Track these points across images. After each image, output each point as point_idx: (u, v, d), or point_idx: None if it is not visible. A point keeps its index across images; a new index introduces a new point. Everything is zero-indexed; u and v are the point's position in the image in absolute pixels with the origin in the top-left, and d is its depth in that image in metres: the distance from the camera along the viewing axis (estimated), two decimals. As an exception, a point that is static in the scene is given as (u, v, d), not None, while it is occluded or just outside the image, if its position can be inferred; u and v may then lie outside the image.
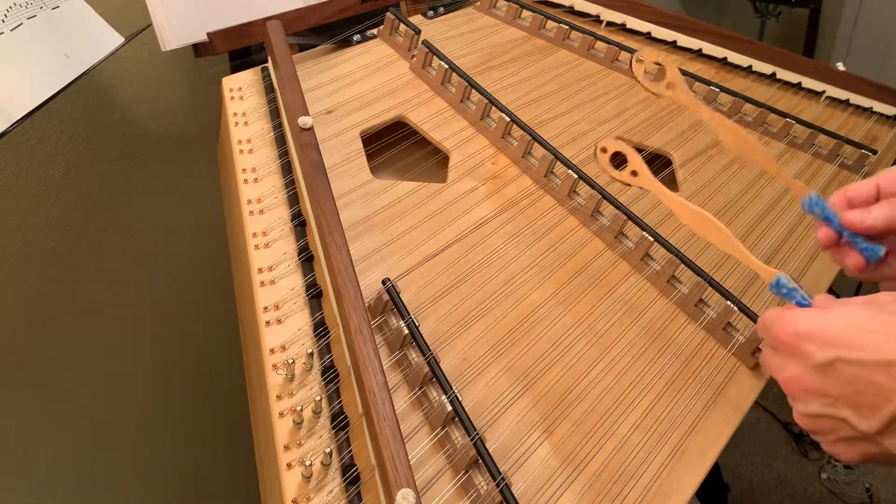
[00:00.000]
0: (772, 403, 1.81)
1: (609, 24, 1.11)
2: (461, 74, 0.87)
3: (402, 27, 0.96)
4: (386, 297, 0.62)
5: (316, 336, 0.61)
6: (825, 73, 1.06)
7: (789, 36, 2.21)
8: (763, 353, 0.48)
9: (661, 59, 0.57)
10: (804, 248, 0.81)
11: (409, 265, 0.69)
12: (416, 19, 1.07)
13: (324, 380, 0.58)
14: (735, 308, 0.66)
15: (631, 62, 0.61)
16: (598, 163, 0.58)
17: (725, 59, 1.08)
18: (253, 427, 0.72)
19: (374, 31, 0.99)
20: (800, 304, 0.47)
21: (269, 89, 0.86)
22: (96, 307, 1.12)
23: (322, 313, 0.62)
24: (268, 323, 0.62)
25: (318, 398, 0.55)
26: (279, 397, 0.57)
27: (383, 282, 0.62)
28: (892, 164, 0.98)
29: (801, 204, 0.50)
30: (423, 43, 0.92)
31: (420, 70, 0.92)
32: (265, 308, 0.63)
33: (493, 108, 0.85)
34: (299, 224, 0.70)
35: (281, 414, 0.55)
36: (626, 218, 0.73)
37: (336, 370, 0.58)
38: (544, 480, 0.55)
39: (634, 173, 0.57)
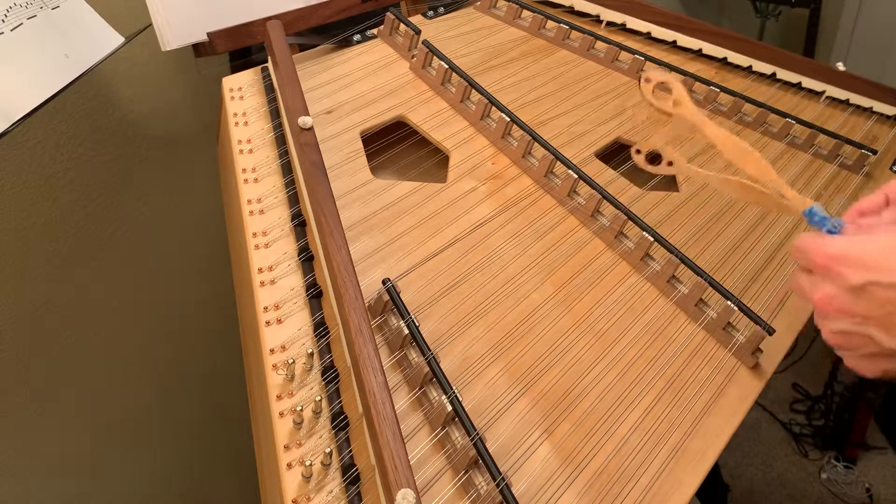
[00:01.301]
0: (772, 403, 1.81)
1: (609, 24, 1.11)
2: (461, 74, 0.87)
3: (402, 27, 0.96)
4: (386, 297, 0.62)
5: (316, 336, 0.61)
6: (825, 73, 1.06)
7: (789, 36, 2.22)
8: (795, 276, 0.50)
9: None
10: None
11: (409, 265, 0.69)
12: (416, 19, 1.07)
13: (324, 380, 0.58)
14: (735, 308, 0.66)
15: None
16: (640, 91, 0.59)
17: (725, 59, 1.08)
18: (253, 427, 0.72)
19: (374, 31, 0.99)
20: (831, 232, 0.49)
21: (269, 89, 0.86)
22: (96, 307, 1.12)
23: (322, 313, 0.62)
24: (268, 323, 0.62)
25: (318, 398, 0.55)
26: (279, 397, 0.57)
27: (383, 282, 0.62)
28: (893, 164, 0.98)
29: (803, 214, 0.52)
30: (423, 43, 0.92)
31: (420, 70, 0.92)
32: (265, 308, 0.63)
33: (493, 108, 0.85)
34: (299, 224, 0.70)
35: (281, 414, 0.55)
36: (626, 218, 0.73)
37: (336, 370, 0.58)
38: (544, 480, 0.55)
39: (676, 104, 0.58)
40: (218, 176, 0.97)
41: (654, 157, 0.59)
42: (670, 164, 0.58)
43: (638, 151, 0.60)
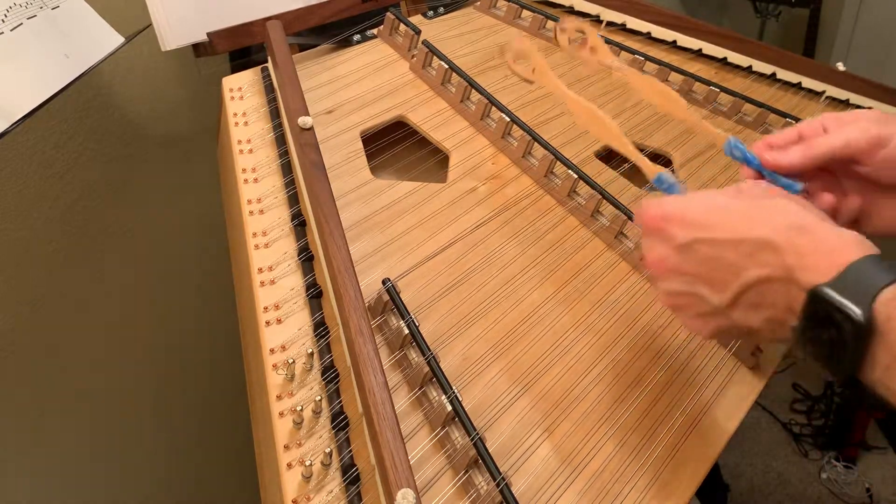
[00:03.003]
0: (772, 403, 1.81)
1: (609, 24, 1.11)
2: (461, 74, 0.87)
3: (402, 27, 0.96)
4: (386, 297, 0.62)
5: (316, 336, 0.61)
6: (825, 73, 1.06)
7: (789, 36, 2.22)
8: (642, 239, 0.51)
9: (583, 27, 0.60)
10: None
11: (409, 265, 0.69)
12: (416, 19, 1.07)
13: (324, 380, 0.58)
14: (735, 308, 0.66)
15: (555, 31, 0.63)
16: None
17: (725, 59, 1.08)
18: (253, 427, 0.72)
19: (374, 31, 0.99)
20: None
21: (269, 89, 0.86)
22: (96, 307, 1.12)
23: (322, 313, 0.62)
24: (268, 323, 0.62)
25: (318, 398, 0.55)
26: (279, 397, 0.57)
27: (383, 282, 0.62)
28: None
29: (723, 148, 0.53)
30: (423, 43, 0.92)
31: (420, 70, 0.92)
32: (265, 308, 0.63)
33: (493, 108, 0.85)
34: (299, 224, 0.70)
35: (281, 414, 0.55)
36: (626, 218, 0.73)
37: (336, 370, 0.58)
38: (544, 480, 0.55)
39: (594, 50, 0.60)
40: (218, 176, 0.97)
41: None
42: (594, 50, 0.60)
43: (563, 30, 0.62)
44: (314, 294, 0.64)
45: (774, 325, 0.44)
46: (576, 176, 0.77)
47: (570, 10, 1.12)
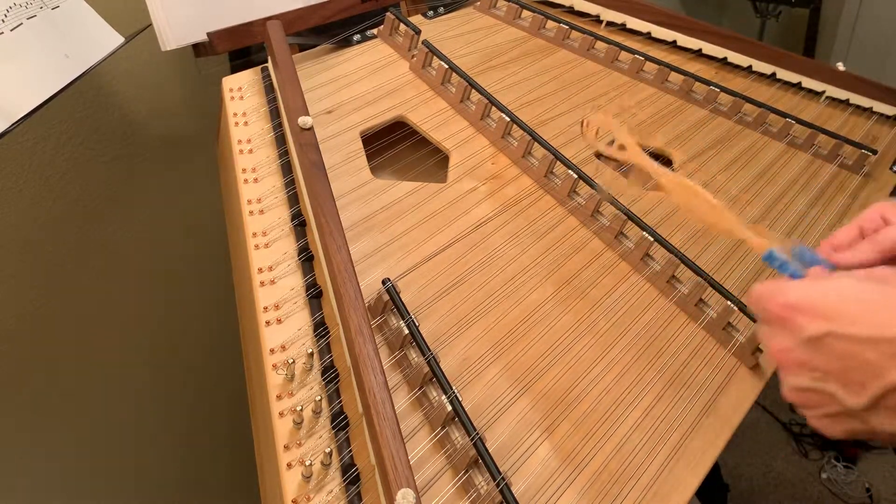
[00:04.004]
0: (772, 403, 1.81)
1: (609, 24, 1.11)
2: (461, 74, 0.87)
3: (402, 27, 0.96)
4: (386, 297, 0.62)
5: (316, 336, 0.61)
6: (825, 73, 1.06)
7: (789, 36, 2.22)
8: (758, 324, 0.47)
9: (611, 124, 0.57)
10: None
11: (409, 265, 0.69)
12: (416, 19, 1.07)
13: (324, 380, 0.58)
14: (735, 308, 0.66)
15: (583, 125, 0.60)
16: (584, 138, 0.58)
17: (725, 59, 1.08)
18: (253, 427, 0.72)
19: (374, 31, 0.99)
20: (793, 277, 0.45)
21: (269, 89, 0.86)
22: (96, 307, 1.12)
23: (322, 313, 0.62)
24: (268, 323, 0.62)
25: (318, 398, 0.55)
26: (279, 397, 0.57)
27: (383, 282, 0.62)
28: (893, 164, 0.98)
29: (763, 259, 0.48)
30: (423, 43, 0.92)
31: (420, 70, 0.92)
32: (265, 308, 0.63)
33: (493, 108, 0.85)
34: (299, 224, 0.70)
35: (281, 414, 0.55)
36: (625, 218, 0.73)
37: (336, 370, 0.58)
38: (544, 480, 0.55)
39: (623, 147, 0.56)
40: (218, 176, 0.97)
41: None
42: (623, 147, 0.56)
43: (587, 124, 0.58)
44: (314, 294, 0.64)
45: None
46: (576, 176, 0.77)
47: (570, 10, 1.12)
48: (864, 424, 0.41)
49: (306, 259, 0.67)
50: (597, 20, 1.11)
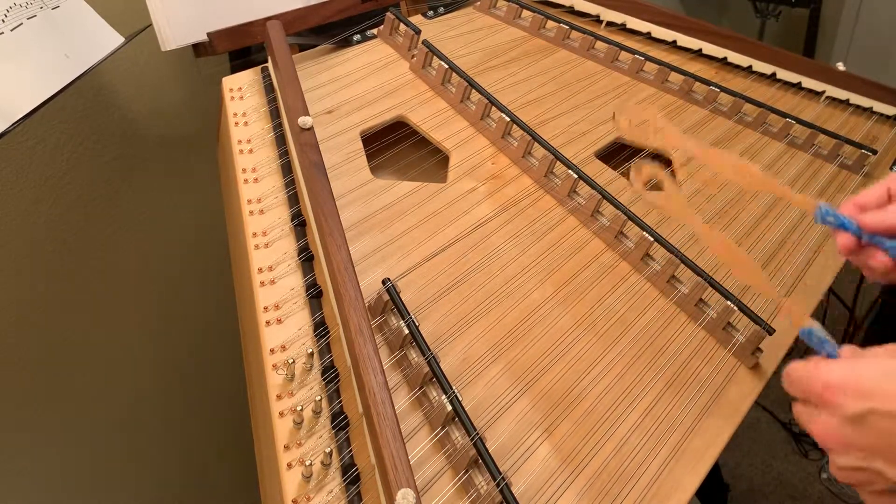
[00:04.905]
0: (772, 403, 1.81)
1: (609, 24, 1.11)
2: (461, 74, 0.87)
3: (402, 27, 0.96)
4: (386, 296, 0.62)
5: (316, 336, 0.61)
6: (825, 73, 1.06)
7: (789, 36, 2.21)
8: (795, 405, 0.47)
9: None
10: (804, 247, 0.81)
11: (409, 265, 0.69)
12: (416, 19, 1.07)
13: (324, 380, 0.58)
14: (735, 308, 0.66)
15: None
16: (633, 185, 0.58)
17: (725, 59, 1.08)
18: (253, 427, 0.72)
19: (374, 31, 0.99)
20: (829, 356, 0.45)
21: (269, 89, 0.86)
22: (96, 307, 1.12)
23: (322, 313, 0.62)
24: (268, 323, 0.62)
25: (318, 398, 0.55)
26: (279, 397, 0.57)
27: (383, 282, 0.62)
28: (893, 164, 0.98)
29: (814, 217, 0.49)
30: (423, 43, 0.92)
31: (420, 70, 0.92)
32: (265, 308, 0.63)
33: (493, 108, 0.85)
34: (299, 224, 0.70)
35: (281, 414, 0.55)
36: (626, 218, 0.73)
37: (336, 370, 0.58)
38: (544, 480, 0.55)
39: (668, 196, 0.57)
40: (218, 176, 0.97)
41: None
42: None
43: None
44: (314, 294, 0.64)
45: None
46: (576, 176, 0.77)
47: (571, 10, 1.12)
48: None
49: (306, 259, 0.67)
50: (597, 20, 1.11)
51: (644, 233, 0.72)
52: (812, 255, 0.80)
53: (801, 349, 0.50)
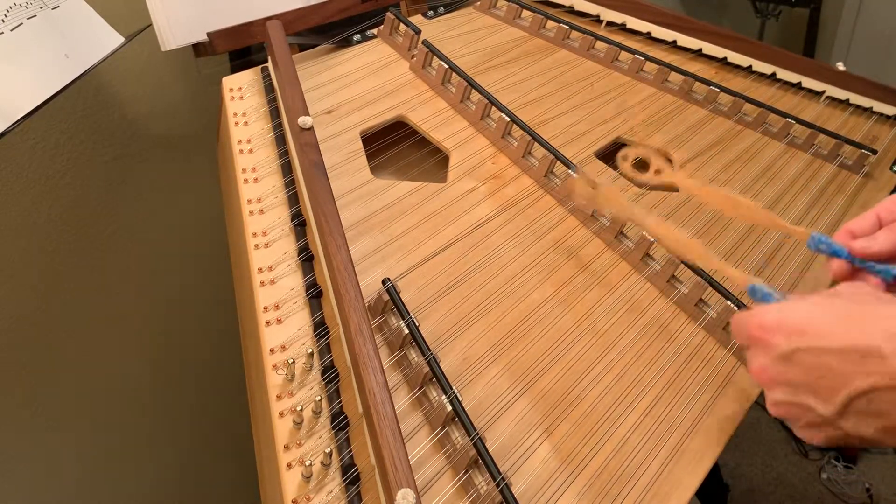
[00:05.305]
0: (772, 403, 1.81)
1: (609, 24, 1.11)
2: (461, 74, 0.87)
3: (402, 27, 0.96)
4: (386, 296, 0.62)
5: (316, 336, 0.61)
6: (825, 73, 1.06)
7: (789, 36, 2.22)
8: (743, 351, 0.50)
9: (646, 150, 0.59)
10: (803, 247, 0.81)
11: (409, 265, 0.69)
12: (416, 19, 1.07)
13: (324, 380, 0.58)
14: (735, 308, 0.66)
15: (616, 160, 0.63)
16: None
17: (725, 59, 1.08)
18: (253, 427, 0.72)
19: (374, 31, 0.99)
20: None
21: (269, 89, 0.86)
22: (96, 307, 1.12)
23: (322, 313, 0.62)
24: (268, 323, 0.62)
25: (318, 398, 0.55)
26: (279, 397, 0.57)
27: (383, 282, 0.62)
28: (893, 164, 0.98)
29: (807, 245, 0.52)
30: (423, 43, 0.92)
31: (420, 70, 0.92)
32: (265, 308, 0.63)
33: (493, 108, 0.85)
34: (299, 224, 0.70)
35: (281, 414, 0.55)
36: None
37: (336, 370, 0.58)
38: (544, 480, 0.55)
39: (658, 171, 0.58)
40: (218, 176, 0.97)
41: (642, 164, 0.60)
42: (658, 172, 0.58)
43: (624, 158, 0.61)
44: (314, 294, 0.64)
45: (890, 434, 0.43)
46: (576, 176, 0.76)
47: (571, 10, 1.12)
48: (838, 430, 0.44)
49: (306, 259, 0.67)
50: (597, 20, 1.11)
51: (644, 233, 0.72)
52: (812, 256, 0.80)
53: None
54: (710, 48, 1.08)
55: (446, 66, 0.89)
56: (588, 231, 0.76)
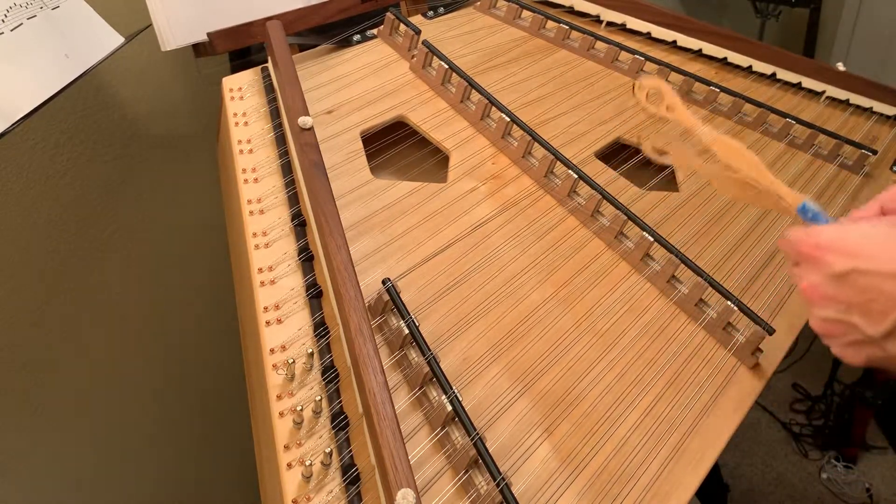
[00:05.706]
0: (772, 403, 1.81)
1: (609, 24, 1.11)
2: (461, 74, 0.87)
3: (402, 27, 0.96)
4: (386, 296, 0.62)
5: (316, 336, 0.61)
6: (825, 73, 1.06)
7: (789, 36, 2.22)
8: (790, 268, 0.51)
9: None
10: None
11: (409, 265, 0.69)
12: (416, 19, 1.07)
13: (324, 380, 0.58)
14: (735, 308, 0.66)
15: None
16: (635, 96, 0.61)
17: (725, 59, 1.08)
18: (253, 427, 0.72)
19: (374, 31, 0.99)
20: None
21: (269, 89, 0.86)
22: (96, 307, 1.12)
23: (322, 313, 0.62)
24: (268, 323, 0.62)
25: (318, 398, 0.55)
26: (279, 397, 0.57)
27: (383, 282, 0.62)
28: (893, 164, 0.98)
29: (797, 211, 0.52)
30: (423, 43, 0.92)
31: (420, 70, 0.92)
32: (265, 308, 0.63)
33: (493, 108, 0.85)
34: (299, 224, 0.70)
35: (281, 414, 0.55)
36: (626, 218, 0.73)
37: (336, 370, 0.58)
38: (544, 480, 0.55)
39: (670, 108, 0.59)
40: (218, 176, 0.97)
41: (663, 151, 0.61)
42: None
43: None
44: (314, 294, 0.64)
45: None
46: (576, 176, 0.77)
47: (571, 10, 1.12)
48: (882, 351, 0.46)
49: (306, 259, 0.67)
50: (597, 20, 1.11)
51: (644, 233, 0.72)
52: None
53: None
54: (710, 48, 1.08)
55: (446, 67, 0.89)
56: (588, 231, 0.76)
